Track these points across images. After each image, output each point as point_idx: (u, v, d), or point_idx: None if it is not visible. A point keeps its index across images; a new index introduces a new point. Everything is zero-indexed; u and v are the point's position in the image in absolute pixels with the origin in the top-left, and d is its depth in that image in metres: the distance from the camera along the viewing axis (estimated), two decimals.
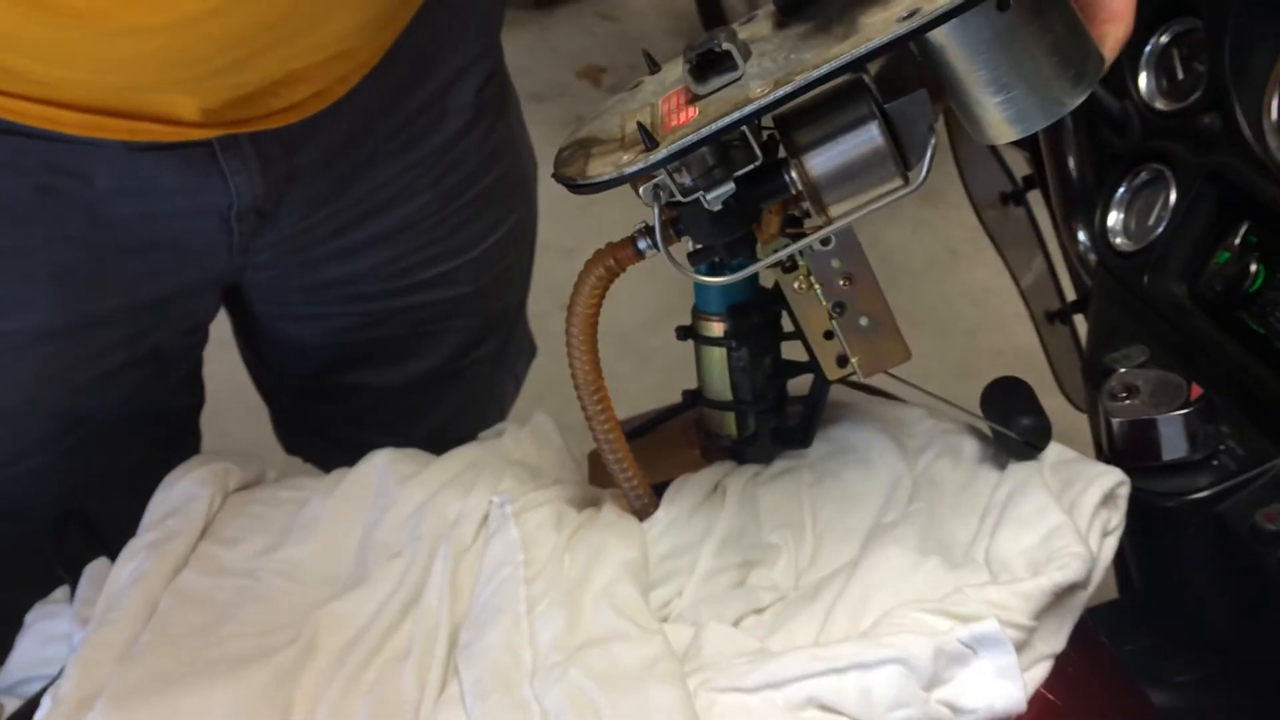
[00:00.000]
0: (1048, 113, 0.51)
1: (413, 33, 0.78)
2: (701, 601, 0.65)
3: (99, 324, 0.80)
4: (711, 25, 3.22)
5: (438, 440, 1.05)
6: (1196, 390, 0.71)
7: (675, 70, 0.57)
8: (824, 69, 0.48)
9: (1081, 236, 0.91)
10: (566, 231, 2.22)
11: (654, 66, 0.59)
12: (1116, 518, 0.68)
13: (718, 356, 0.66)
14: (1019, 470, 0.69)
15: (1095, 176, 0.89)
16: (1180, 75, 0.83)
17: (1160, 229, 0.82)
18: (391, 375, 0.99)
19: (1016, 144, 1.03)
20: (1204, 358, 0.76)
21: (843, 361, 0.64)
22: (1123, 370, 0.75)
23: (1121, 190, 0.85)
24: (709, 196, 0.53)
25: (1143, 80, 0.84)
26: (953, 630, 0.58)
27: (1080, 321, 1.14)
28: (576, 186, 0.53)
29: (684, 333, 0.67)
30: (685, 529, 0.66)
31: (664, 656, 0.59)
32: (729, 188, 0.53)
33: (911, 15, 0.47)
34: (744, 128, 0.51)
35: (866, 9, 0.50)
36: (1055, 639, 0.63)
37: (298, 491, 0.77)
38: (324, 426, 1.07)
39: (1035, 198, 1.07)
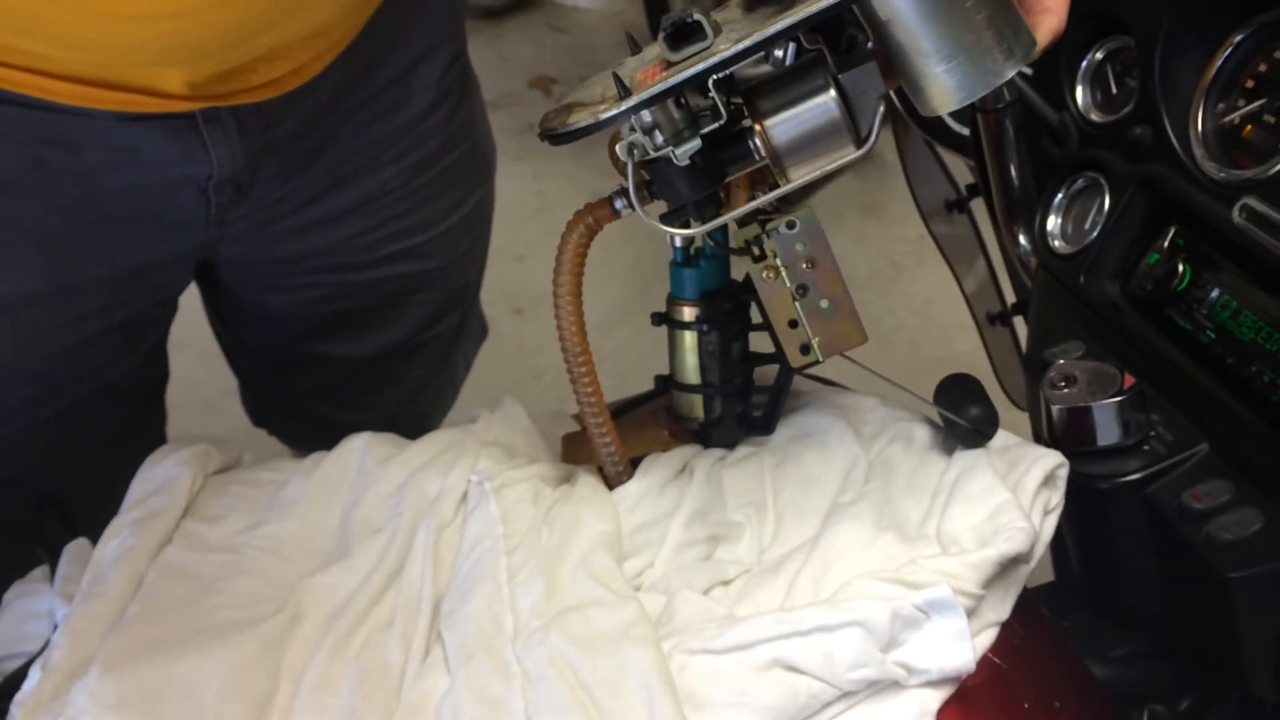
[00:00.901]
0: (985, 82, 0.56)
1: (382, 13, 0.82)
2: (673, 572, 0.68)
3: (79, 292, 0.82)
4: None
5: (397, 419, 1.08)
6: (1129, 380, 0.76)
7: (652, 51, 0.62)
8: (779, 25, 0.54)
9: (1022, 240, 0.96)
10: (519, 239, 2.26)
11: (635, 48, 0.64)
12: (1056, 497, 0.73)
13: (689, 340, 0.70)
14: (967, 454, 0.74)
15: (1035, 184, 0.94)
16: (1114, 89, 0.88)
17: (1095, 233, 0.87)
18: (358, 347, 1.02)
19: (961, 153, 1.08)
20: (1135, 352, 0.82)
21: (805, 349, 0.68)
22: (1061, 362, 0.80)
23: (1060, 196, 0.91)
24: (678, 151, 0.58)
25: (1079, 94, 0.90)
26: (908, 596, 0.63)
27: (1020, 324, 1.20)
28: (557, 136, 0.58)
29: (659, 318, 0.71)
30: (656, 502, 0.70)
31: (639, 621, 0.63)
32: (696, 143, 0.58)
33: None
34: (712, 92, 0.57)
35: None
36: (1001, 607, 0.68)
37: (277, 473, 0.80)
38: (290, 400, 1.09)
39: (978, 205, 1.13)
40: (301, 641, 0.66)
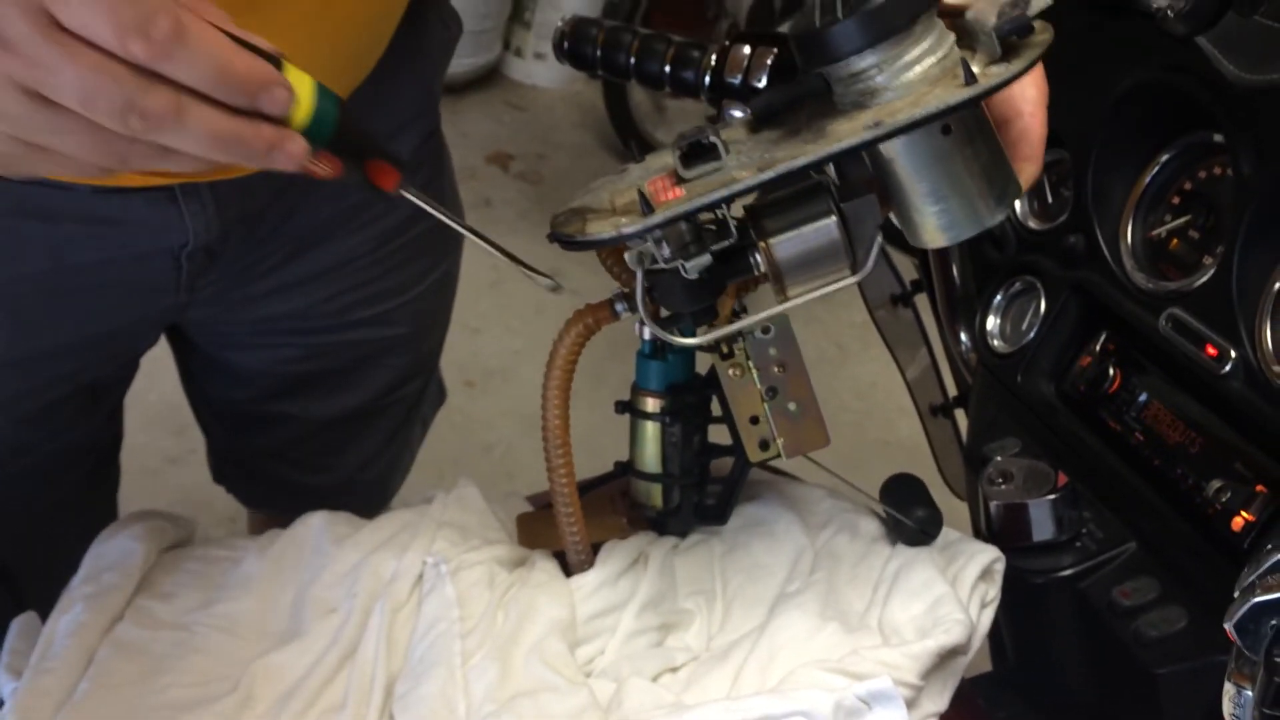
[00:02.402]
0: (973, 225, 0.61)
1: (361, 89, 0.84)
2: (623, 659, 0.70)
3: (49, 357, 0.82)
4: (618, 120, 3.27)
5: (354, 483, 1.09)
6: (1063, 478, 0.79)
7: (657, 160, 0.65)
8: (801, 161, 0.57)
9: (964, 338, 1.00)
10: (473, 311, 2.27)
11: (640, 156, 0.67)
12: (993, 590, 0.76)
13: (652, 431, 0.73)
14: (909, 547, 0.77)
15: (976, 284, 0.99)
16: (1050, 199, 0.93)
17: (1032, 334, 0.91)
18: (322, 408, 1.02)
19: (906, 250, 1.13)
20: (1069, 450, 0.85)
21: (764, 446, 0.71)
22: (999, 459, 0.84)
23: (998, 298, 0.95)
24: (689, 265, 0.61)
25: (1018, 203, 0.95)
26: (851, 686, 0.65)
27: (961, 416, 1.24)
28: (575, 243, 0.60)
29: (622, 407, 0.74)
30: (611, 591, 0.72)
31: (589, 708, 0.65)
32: (707, 259, 0.61)
33: (876, 125, 0.56)
34: (723, 211, 0.60)
35: (833, 119, 0.59)
36: (940, 698, 0.70)
37: (232, 550, 0.81)
38: (246, 458, 1.09)
39: (922, 300, 1.17)
40: None
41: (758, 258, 0.63)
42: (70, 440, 0.90)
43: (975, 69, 0.56)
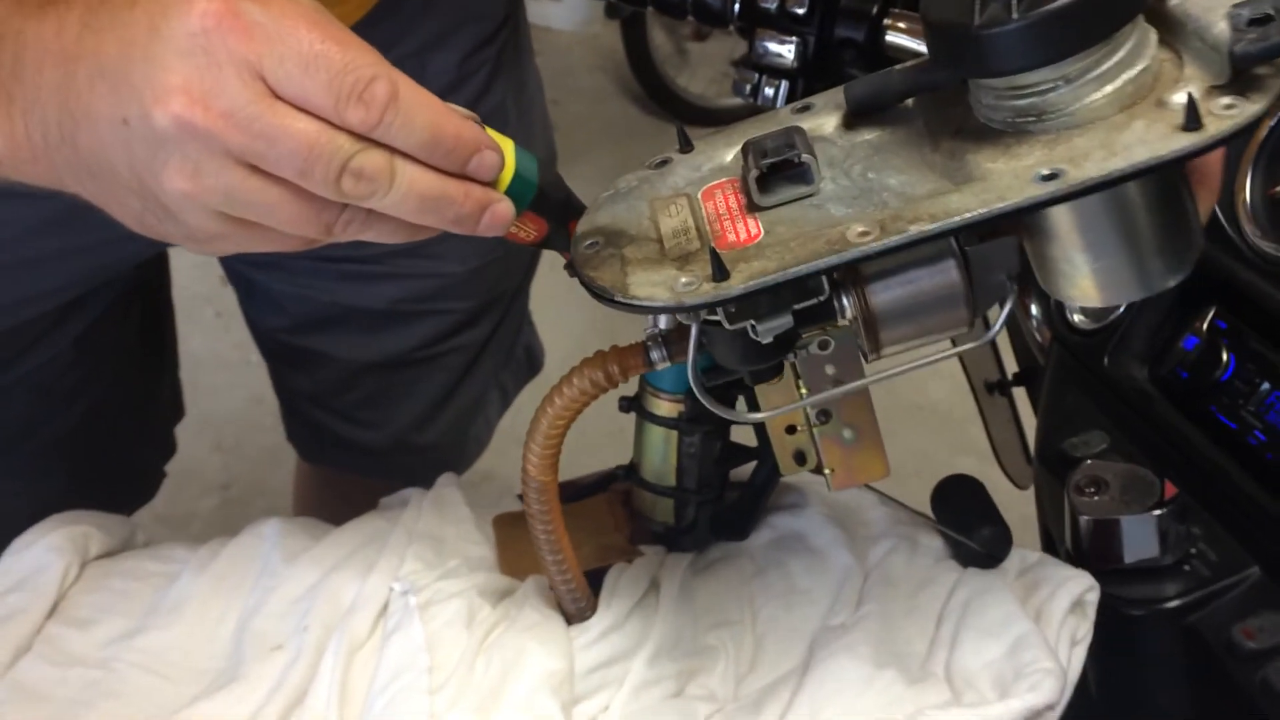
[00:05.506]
0: (1139, 289, 0.45)
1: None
2: (632, 715, 0.57)
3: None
4: (638, 64, 3.11)
5: (408, 448, 0.99)
6: (1171, 488, 0.65)
7: (709, 155, 0.50)
8: (939, 226, 0.41)
9: (1034, 310, 0.86)
10: None
11: (686, 145, 0.51)
12: (1085, 626, 0.62)
13: (665, 437, 0.59)
14: (980, 572, 0.63)
15: None
16: None
17: (1122, 307, 0.77)
18: (361, 350, 0.94)
19: None
20: (1170, 449, 0.71)
21: (800, 458, 0.57)
22: (1089, 462, 0.70)
23: None
24: (761, 328, 0.45)
25: None
26: None
27: (1019, 394, 1.10)
28: (618, 304, 0.44)
29: (628, 404, 0.59)
30: (619, 637, 0.59)
31: None
32: (786, 321, 0.45)
33: (1054, 177, 0.40)
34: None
35: (978, 144, 0.43)
36: None
37: (167, 564, 0.68)
38: (291, 399, 1.02)
39: None
40: None
41: (846, 301, 0.47)
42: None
43: (1193, 93, 0.39)
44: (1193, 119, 0.38)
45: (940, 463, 1.87)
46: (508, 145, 0.47)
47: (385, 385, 0.96)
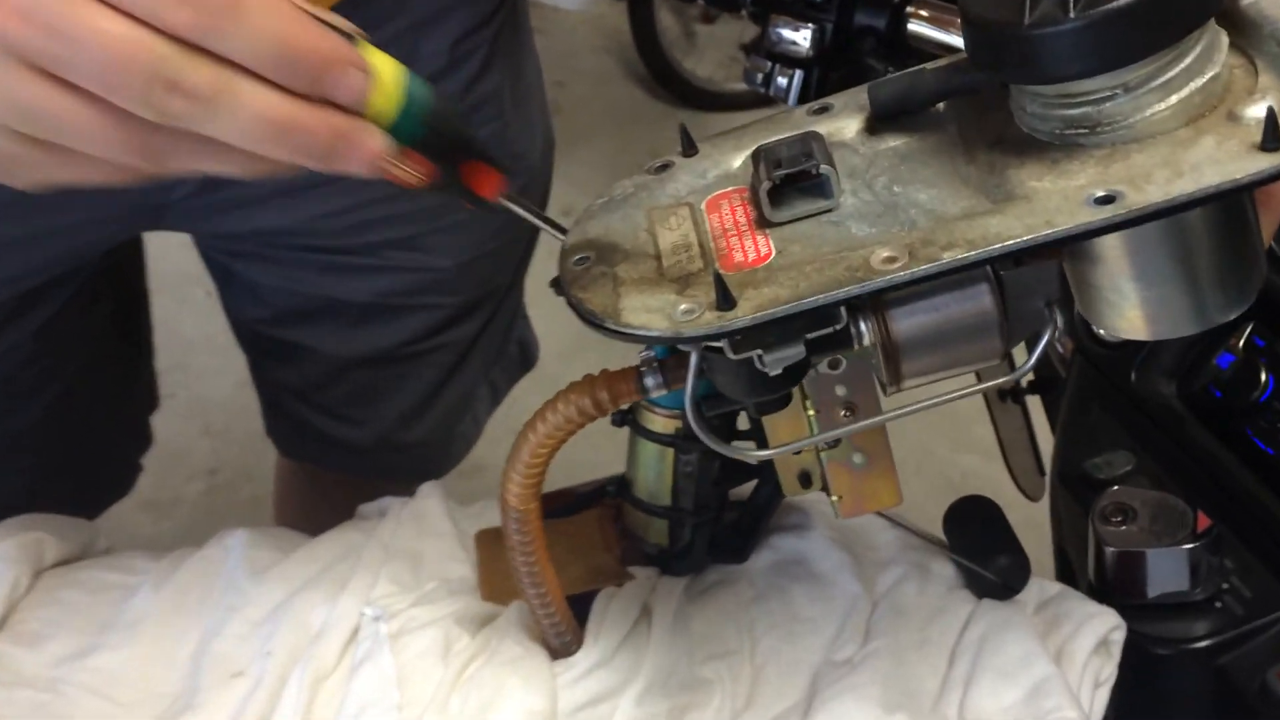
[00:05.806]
0: (1194, 323, 0.40)
1: None
2: None
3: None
4: (644, 46, 3.07)
5: (394, 445, 0.95)
6: (1204, 520, 0.61)
7: (715, 160, 0.45)
8: (982, 253, 0.36)
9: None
10: None
11: (690, 148, 0.46)
12: (1110, 667, 0.58)
13: (659, 454, 0.54)
14: (997, 604, 0.59)
15: None
16: None
17: None
18: (345, 345, 0.89)
19: None
20: (1200, 473, 0.67)
21: (805, 480, 0.52)
22: (1116, 488, 0.65)
23: None
24: (769, 359, 0.40)
25: None
26: None
27: (1033, 402, 1.06)
28: (606, 331, 0.39)
29: (621, 418, 0.55)
30: (606, 673, 0.54)
31: None
32: (798, 351, 0.40)
33: (1110, 201, 0.35)
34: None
35: (1022, 163, 0.38)
36: None
37: (126, 575, 0.63)
38: (273, 393, 0.97)
39: None
40: None
41: (864, 327, 0.42)
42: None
43: (1275, 107, 0.34)
44: (1272, 137, 0.34)
45: (942, 460, 1.82)
46: (389, 67, 0.40)
47: (370, 381, 0.92)
